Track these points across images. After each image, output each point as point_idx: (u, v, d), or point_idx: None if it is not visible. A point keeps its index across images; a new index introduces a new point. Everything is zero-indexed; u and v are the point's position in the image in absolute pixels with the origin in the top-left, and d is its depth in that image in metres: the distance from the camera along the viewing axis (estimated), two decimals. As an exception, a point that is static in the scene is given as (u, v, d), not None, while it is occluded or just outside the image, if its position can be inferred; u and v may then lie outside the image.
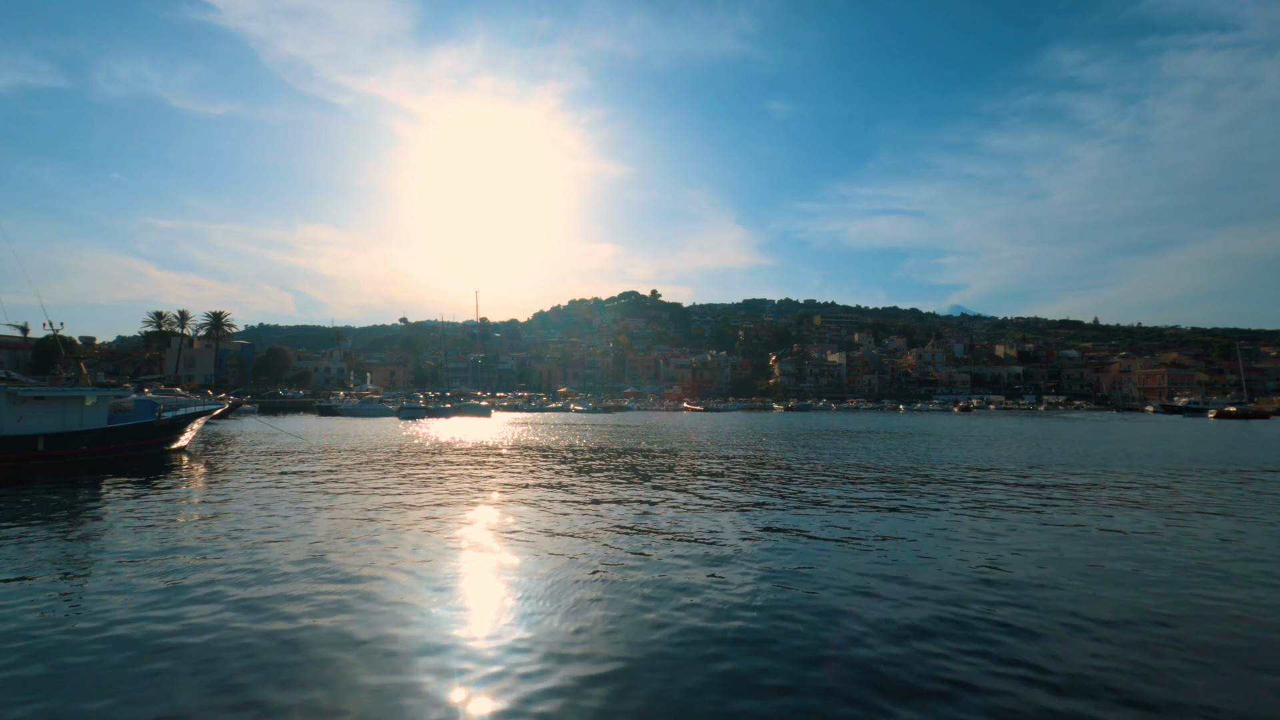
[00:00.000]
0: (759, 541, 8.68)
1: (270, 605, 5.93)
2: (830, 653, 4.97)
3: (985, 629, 5.45)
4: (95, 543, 8.54)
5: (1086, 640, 5.22)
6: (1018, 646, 5.08)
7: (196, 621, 5.52)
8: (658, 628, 5.42)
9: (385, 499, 11.94)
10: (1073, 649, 5.04)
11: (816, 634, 5.34)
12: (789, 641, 5.18)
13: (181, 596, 6.19)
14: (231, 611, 5.76)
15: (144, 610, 5.80)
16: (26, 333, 20.78)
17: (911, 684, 4.44)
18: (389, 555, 7.78)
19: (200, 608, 5.87)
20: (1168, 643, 5.20)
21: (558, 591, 6.40)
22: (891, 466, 18.27)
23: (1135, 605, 6.09)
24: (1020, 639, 5.24)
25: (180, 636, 5.20)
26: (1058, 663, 4.78)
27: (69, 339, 55.21)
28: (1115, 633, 5.40)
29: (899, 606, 6.01)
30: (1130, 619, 5.72)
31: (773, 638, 5.25)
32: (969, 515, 10.63)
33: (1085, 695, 4.29)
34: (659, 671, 4.60)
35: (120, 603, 6.02)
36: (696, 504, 11.61)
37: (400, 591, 6.38)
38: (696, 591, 6.41)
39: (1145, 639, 5.27)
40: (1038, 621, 5.63)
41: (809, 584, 6.71)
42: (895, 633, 5.37)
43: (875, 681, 4.48)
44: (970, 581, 6.82)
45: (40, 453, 16.47)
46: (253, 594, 6.25)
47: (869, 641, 5.18)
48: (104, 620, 5.57)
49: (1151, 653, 4.99)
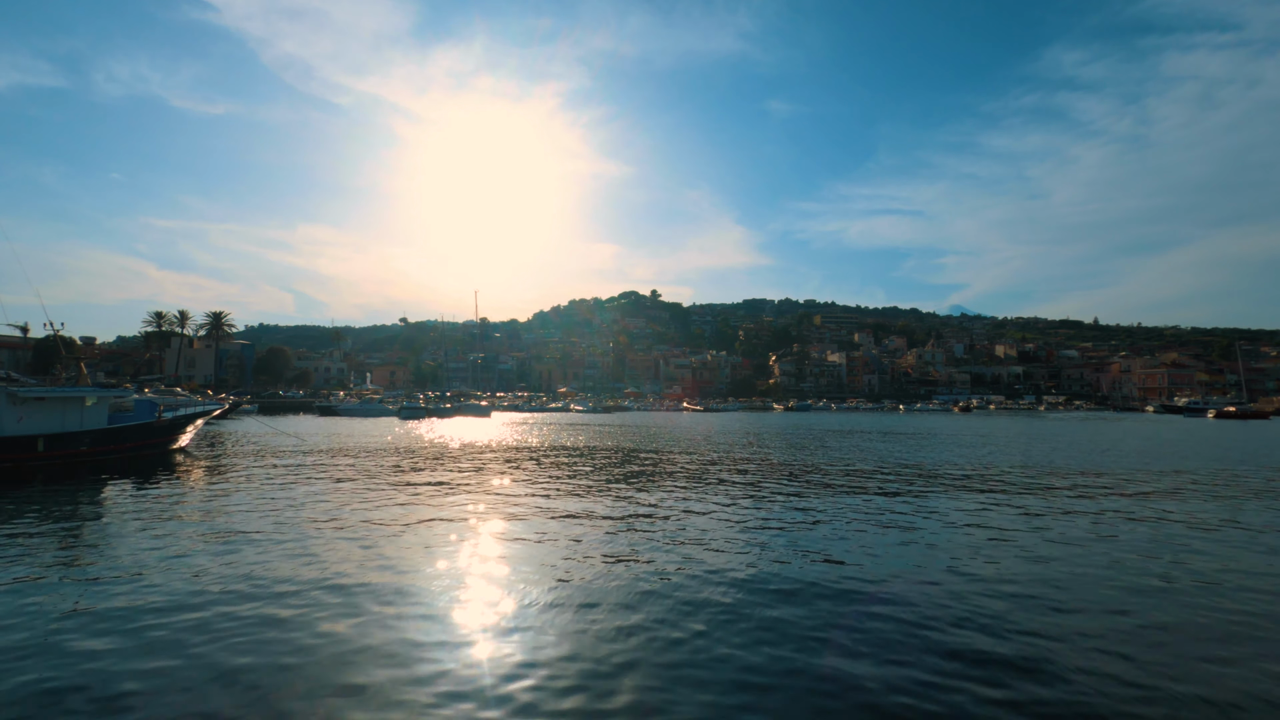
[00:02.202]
0: (758, 541, 8.68)
1: (270, 605, 5.93)
2: (835, 653, 4.99)
3: (998, 635, 5.46)
4: (95, 543, 8.54)
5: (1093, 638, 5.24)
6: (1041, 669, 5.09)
7: (196, 621, 5.53)
8: (659, 627, 5.43)
9: (385, 499, 11.95)
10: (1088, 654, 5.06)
11: (819, 635, 5.35)
12: (790, 640, 5.19)
13: (181, 596, 6.20)
14: (231, 611, 5.77)
15: (144, 610, 5.81)
16: (26, 333, 20.78)
17: (915, 682, 4.46)
18: (389, 555, 7.79)
19: (200, 607, 5.87)
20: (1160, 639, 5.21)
21: (558, 591, 6.41)
22: (893, 466, 18.28)
23: (1132, 603, 6.11)
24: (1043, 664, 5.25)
25: (180, 637, 5.20)
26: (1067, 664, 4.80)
27: (69, 339, 55.27)
28: (1113, 630, 5.42)
29: (916, 610, 6.03)
30: (1129, 616, 5.75)
31: (774, 637, 5.26)
32: (969, 515, 10.64)
33: (1089, 695, 4.31)
34: (660, 673, 4.62)
35: (120, 602, 6.03)
36: (696, 504, 11.62)
37: (401, 591, 6.38)
38: (697, 591, 6.42)
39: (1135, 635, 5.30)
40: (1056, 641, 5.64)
41: (810, 584, 6.72)
42: (910, 642, 5.38)
43: (881, 686, 4.49)
44: (971, 581, 6.84)
45: (40, 453, 16.47)
46: (253, 594, 6.25)
47: (873, 648, 5.19)
48: (104, 620, 5.57)
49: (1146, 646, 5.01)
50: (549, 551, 8.06)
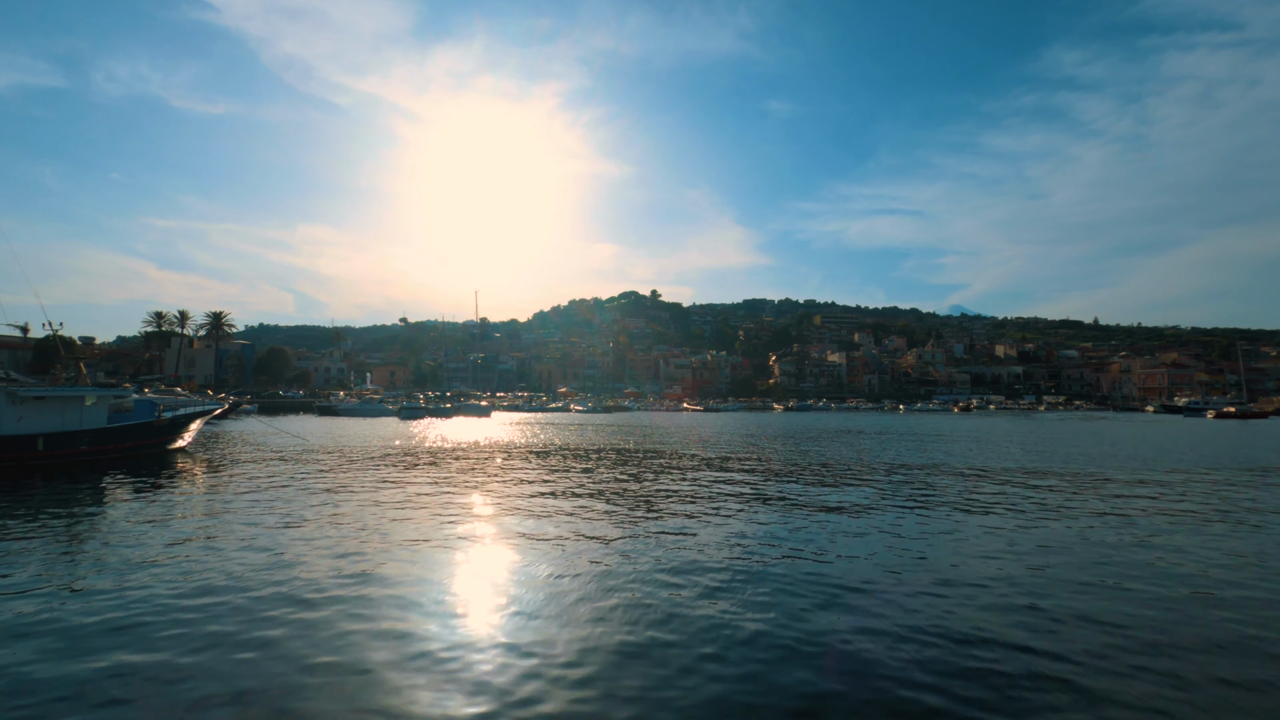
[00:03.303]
0: (759, 540, 8.69)
1: (270, 605, 5.94)
2: (837, 655, 4.99)
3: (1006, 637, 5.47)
4: (94, 543, 8.54)
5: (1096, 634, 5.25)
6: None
7: (196, 621, 5.53)
8: (660, 628, 5.43)
9: (386, 499, 11.95)
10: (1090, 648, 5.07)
11: (821, 637, 5.35)
12: (789, 641, 5.19)
13: (182, 596, 6.20)
14: (232, 610, 5.77)
15: (144, 610, 5.81)
16: (26, 333, 20.77)
17: (918, 684, 4.46)
18: (389, 555, 7.79)
19: (200, 608, 5.87)
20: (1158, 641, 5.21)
21: (556, 591, 6.41)
22: (893, 466, 18.28)
23: (1132, 601, 6.12)
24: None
25: (180, 636, 5.21)
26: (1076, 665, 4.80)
27: (69, 339, 55.22)
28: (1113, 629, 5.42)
29: (909, 610, 6.03)
30: (1126, 615, 5.75)
31: (772, 640, 5.26)
32: (968, 513, 10.65)
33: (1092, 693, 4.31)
34: (659, 674, 4.62)
35: (120, 602, 6.03)
36: (696, 503, 11.62)
37: (401, 591, 6.38)
38: (696, 590, 6.42)
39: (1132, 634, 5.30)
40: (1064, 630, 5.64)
41: (810, 583, 6.72)
42: (916, 642, 5.38)
43: (885, 687, 4.49)
44: (970, 580, 6.84)
45: (40, 453, 16.48)
46: (253, 593, 6.26)
47: (878, 652, 5.19)
48: (104, 620, 5.57)
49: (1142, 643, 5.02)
50: (549, 550, 8.06)
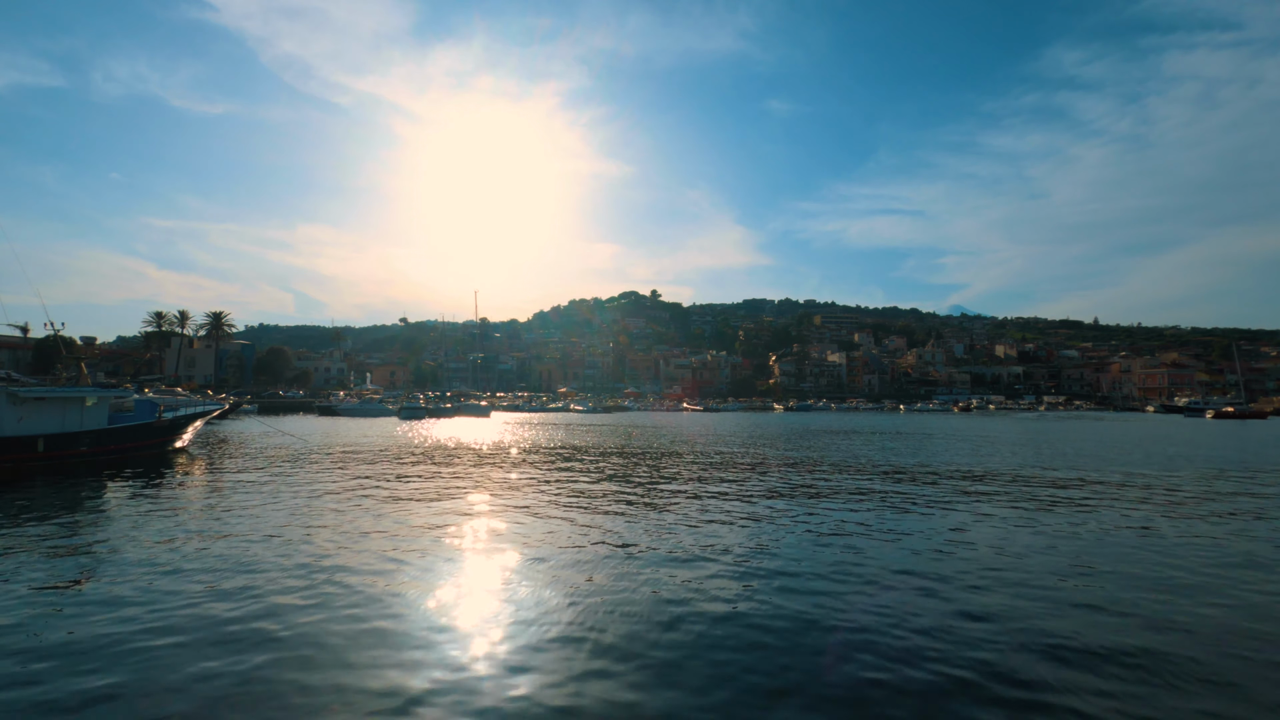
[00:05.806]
0: (758, 541, 8.69)
1: (270, 605, 5.94)
2: (838, 656, 5.00)
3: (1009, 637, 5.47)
4: (95, 543, 8.54)
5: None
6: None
7: (196, 621, 5.53)
8: (660, 627, 5.44)
9: (385, 499, 11.95)
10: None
11: (822, 638, 5.36)
12: (788, 641, 5.20)
13: (182, 596, 6.20)
14: (232, 610, 5.77)
15: (144, 609, 5.81)
16: (26, 333, 20.79)
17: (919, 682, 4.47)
18: (389, 555, 7.79)
19: (200, 607, 5.88)
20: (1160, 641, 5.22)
21: (557, 591, 6.41)
22: (895, 466, 18.29)
23: (1131, 599, 6.13)
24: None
25: (180, 635, 5.21)
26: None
27: (69, 339, 55.19)
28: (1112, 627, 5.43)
29: (914, 613, 6.04)
30: (1127, 613, 5.76)
31: (772, 639, 5.27)
32: (969, 513, 10.66)
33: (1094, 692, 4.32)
34: (660, 673, 4.63)
35: (120, 602, 6.03)
36: (696, 503, 11.63)
37: (401, 591, 6.38)
38: (695, 590, 6.42)
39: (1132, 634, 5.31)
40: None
41: (811, 584, 6.73)
42: (915, 643, 5.39)
43: (887, 687, 4.50)
44: (972, 581, 6.85)
45: (40, 453, 16.48)
46: (253, 593, 6.26)
47: (877, 652, 5.20)
48: (104, 619, 5.58)
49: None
50: (548, 550, 8.05)
